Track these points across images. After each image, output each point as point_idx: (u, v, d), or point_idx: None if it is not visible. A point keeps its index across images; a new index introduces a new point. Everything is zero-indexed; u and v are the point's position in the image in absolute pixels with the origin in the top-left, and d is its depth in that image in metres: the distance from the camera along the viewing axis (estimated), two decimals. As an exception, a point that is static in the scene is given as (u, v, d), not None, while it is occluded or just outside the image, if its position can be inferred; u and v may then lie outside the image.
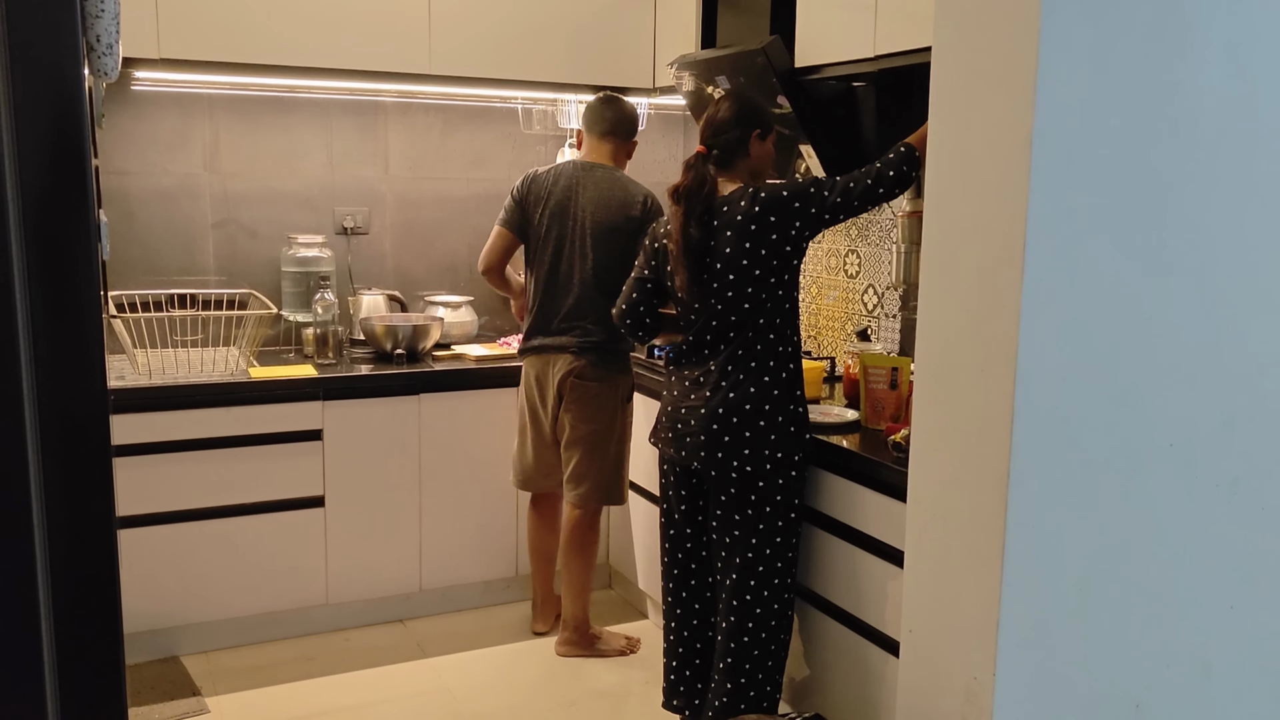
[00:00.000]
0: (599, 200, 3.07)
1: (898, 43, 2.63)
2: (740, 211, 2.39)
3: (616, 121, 3.16)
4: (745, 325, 2.41)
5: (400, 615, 3.46)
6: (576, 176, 3.11)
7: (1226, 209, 1.78)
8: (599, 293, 3.06)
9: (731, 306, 2.41)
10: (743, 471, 2.40)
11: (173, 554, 3.07)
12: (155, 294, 3.42)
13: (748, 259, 2.38)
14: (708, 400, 2.42)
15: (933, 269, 1.81)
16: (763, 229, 2.37)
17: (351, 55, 3.31)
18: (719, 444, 2.40)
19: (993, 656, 1.71)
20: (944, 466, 1.80)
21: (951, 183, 1.76)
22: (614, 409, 3.14)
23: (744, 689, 2.46)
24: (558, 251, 3.10)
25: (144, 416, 2.98)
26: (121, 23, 1.31)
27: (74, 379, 1.21)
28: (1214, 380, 1.81)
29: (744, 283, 2.39)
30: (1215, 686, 1.91)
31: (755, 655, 2.46)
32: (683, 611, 2.63)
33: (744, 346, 2.41)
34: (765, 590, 2.44)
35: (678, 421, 2.50)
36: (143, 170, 3.46)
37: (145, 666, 3.07)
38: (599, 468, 3.14)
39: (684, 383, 2.50)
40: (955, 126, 1.75)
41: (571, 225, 3.08)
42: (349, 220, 3.74)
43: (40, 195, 1.16)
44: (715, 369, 2.44)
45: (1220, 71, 1.73)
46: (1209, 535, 1.86)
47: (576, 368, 3.08)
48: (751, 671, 2.46)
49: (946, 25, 1.76)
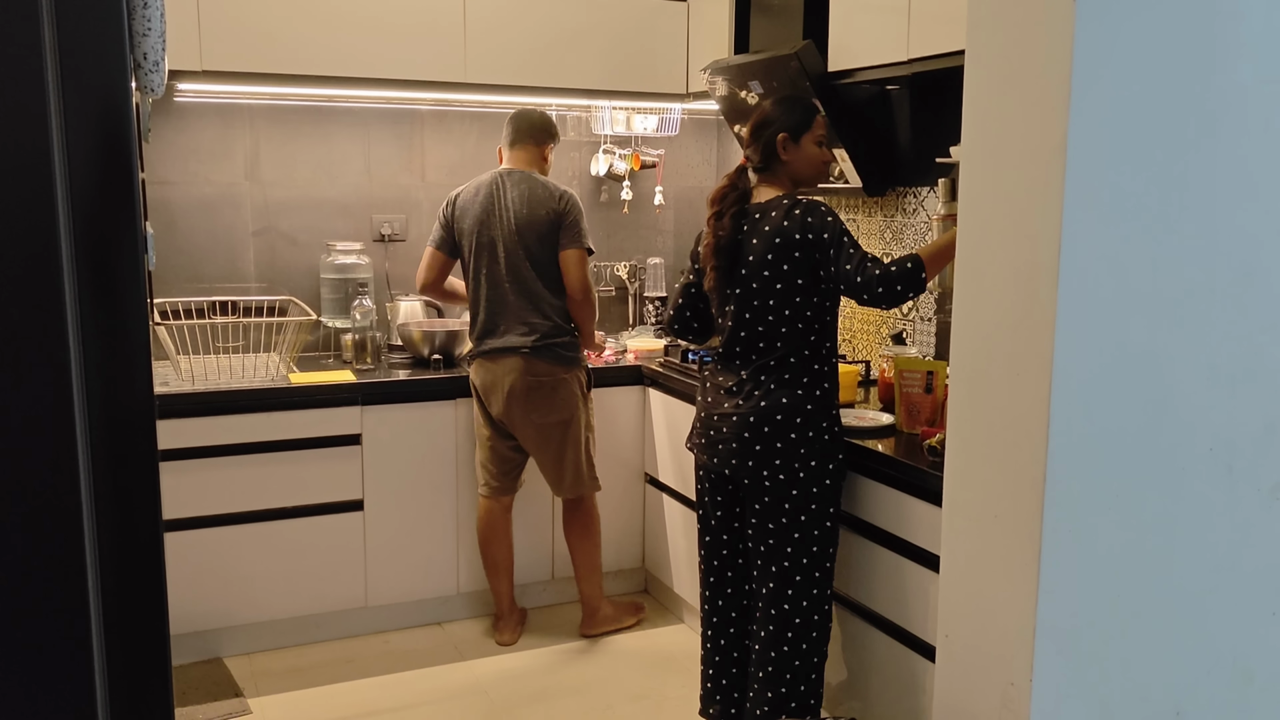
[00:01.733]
0: (520, 199, 3.16)
1: (931, 46, 2.62)
2: (770, 222, 2.38)
3: (524, 130, 3.27)
4: (776, 334, 2.40)
5: (438, 618, 3.50)
6: (495, 184, 3.21)
7: (1265, 211, 1.76)
8: (536, 291, 3.16)
9: (760, 315, 2.41)
10: (776, 480, 2.38)
11: (215, 557, 3.13)
12: (197, 301, 3.49)
13: (770, 270, 2.38)
14: (739, 408, 2.42)
15: (967, 272, 1.81)
16: (788, 245, 2.35)
17: (389, 65, 3.36)
18: (751, 452, 2.39)
19: (1030, 662, 1.70)
20: (980, 471, 1.80)
21: (986, 186, 1.75)
22: (572, 400, 3.22)
23: (785, 698, 2.45)
24: (492, 254, 3.18)
25: (186, 422, 3.04)
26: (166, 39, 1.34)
27: (122, 385, 1.24)
28: (1254, 385, 1.79)
29: (769, 293, 2.39)
30: (1256, 694, 1.89)
31: (796, 665, 2.45)
32: (720, 619, 2.63)
33: (776, 355, 2.41)
34: (804, 599, 2.42)
35: (710, 428, 2.50)
36: (185, 180, 3.52)
37: (189, 668, 3.13)
38: (572, 462, 3.25)
39: (718, 390, 2.50)
40: (990, 129, 1.74)
41: (500, 228, 3.17)
42: (386, 227, 3.78)
43: (90, 208, 1.20)
44: (748, 376, 2.44)
45: (1257, 71, 1.71)
46: (1249, 541, 1.84)
47: (527, 368, 3.15)
48: (793, 681, 2.45)
49: (980, 28, 1.75)
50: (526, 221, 3.14)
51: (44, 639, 1.22)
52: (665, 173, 4.11)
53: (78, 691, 1.25)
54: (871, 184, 3.21)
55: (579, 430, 3.25)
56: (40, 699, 1.22)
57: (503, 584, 3.37)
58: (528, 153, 3.26)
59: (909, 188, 3.24)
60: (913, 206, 3.24)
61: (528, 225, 3.14)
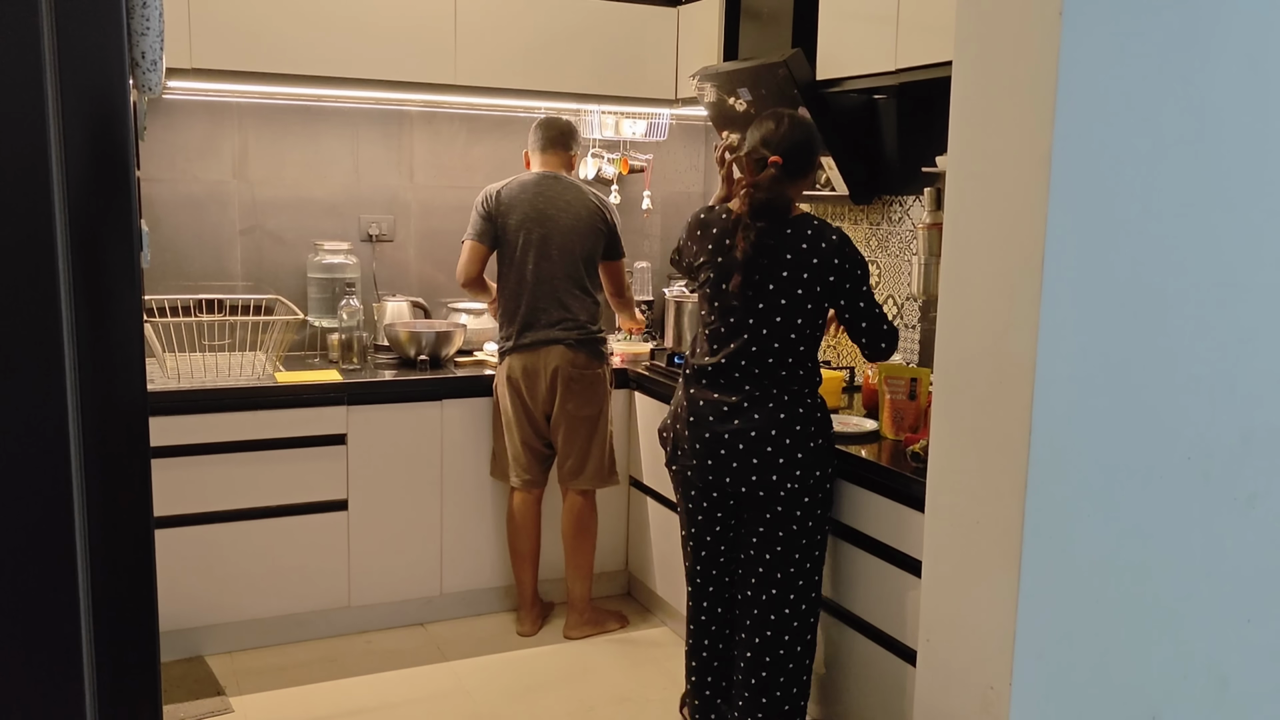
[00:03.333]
0: (573, 203, 3.27)
1: (919, 56, 2.65)
2: (807, 240, 2.36)
3: (556, 137, 3.36)
4: (790, 349, 2.40)
5: (421, 618, 3.50)
6: (543, 184, 3.29)
7: (1246, 222, 1.79)
8: (579, 288, 3.29)
9: (782, 329, 2.39)
10: (781, 492, 2.38)
11: (198, 555, 3.12)
12: (184, 299, 3.48)
13: (803, 289, 2.36)
14: (747, 423, 2.39)
15: (952, 280, 1.83)
16: (824, 269, 2.36)
17: (378, 66, 3.37)
18: (762, 465, 2.38)
19: (1009, 666, 1.72)
20: (962, 477, 1.82)
21: (971, 195, 1.78)
22: (604, 394, 3.33)
23: (778, 702, 2.48)
24: (541, 250, 3.25)
25: (171, 419, 3.03)
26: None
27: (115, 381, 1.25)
28: (1232, 395, 1.82)
29: (795, 311, 2.38)
30: (1232, 699, 1.92)
31: (789, 669, 2.47)
32: (704, 626, 2.63)
33: (780, 369, 2.41)
34: (802, 604, 2.45)
35: (709, 443, 2.44)
36: (173, 177, 3.52)
37: (171, 665, 3.12)
38: (597, 454, 3.31)
39: (721, 406, 2.43)
40: (976, 139, 1.77)
41: (553, 226, 3.25)
42: (374, 228, 3.79)
43: (85, 205, 1.20)
44: (751, 390, 2.41)
45: (1240, 82, 1.74)
46: (1226, 549, 1.87)
47: (571, 358, 3.24)
48: (786, 685, 2.48)
49: (967, 39, 1.78)
50: (576, 224, 3.26)
51: (33, 634, 1.22)
52: (653, 177, 4.13)
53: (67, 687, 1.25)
54: (858, 192, 3.24)
55: (605, 424, 3.34)
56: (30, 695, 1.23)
57: (527, 575, 3.41)
58: (559, 158, 3.36)
59: (895, 196, 3.27)
60: (899, 215, 3.26)
61: (577, 228, 3.26)
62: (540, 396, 3.26)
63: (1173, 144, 1.70)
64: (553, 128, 3.37)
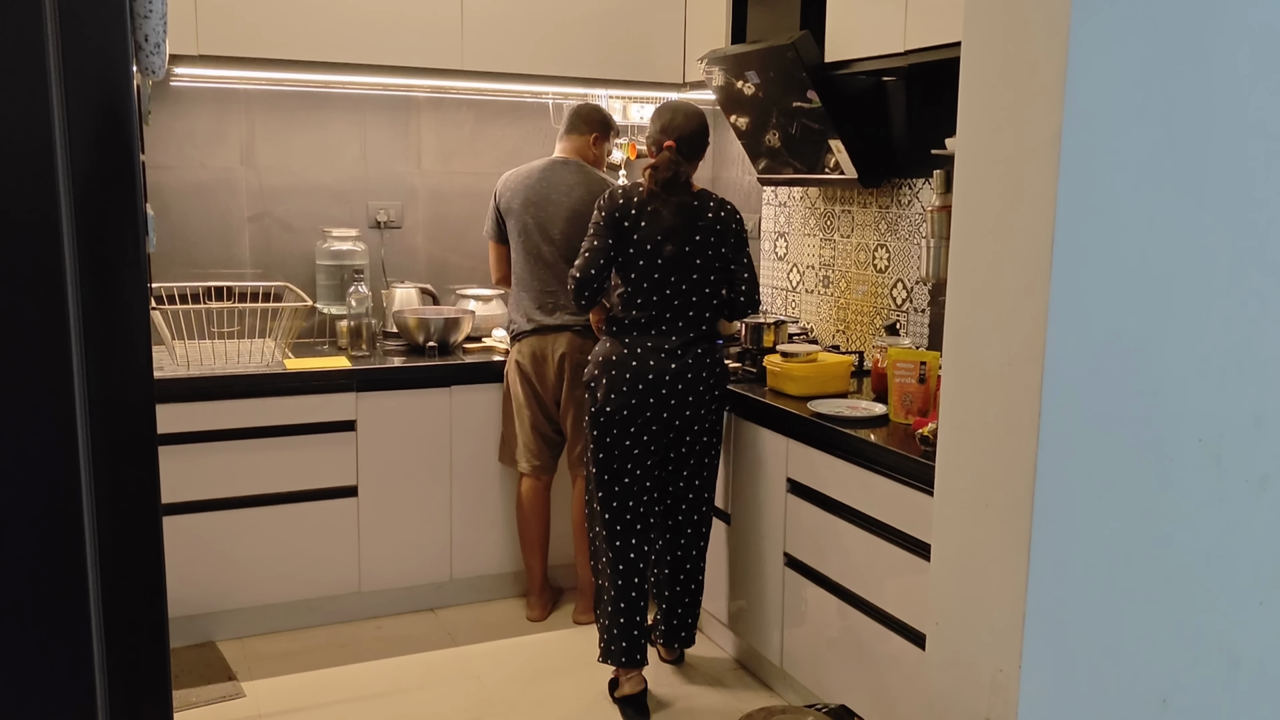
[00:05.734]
0: (575, 186, 3.28)
1: (928, 38, 2.63)
2: (711, 211, 2.84)
3: (572, 119, 3.40)
4: (707, 304, 2.86)
5: (431, 604, 3.51)
6: (548, 170, 3.31)
7: (1257, 202, 1.77)
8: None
9: (700, 288, 2.83)
10: (713, 418, 2.90)
11: (209, 541, 3.13)
12: (192, 286, 3.49)
13: (713, 251, 2.83)
14: (690, 365, 2.82)
15: (961, 263, 1.82)
16: (726, 235, 2.85)
17: (385, 51, 3.36)
18: (698, 397, 2.83)
19: (1019, 649, 1.71)
20: (971, 460, 1.81)
21: (980, 177, 1.77)
22: None
23: (698, 595, 3.04)
24: (546, 236, 3.27)
25: (181, 407, 3.04)
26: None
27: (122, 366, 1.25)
28: (1244, 377, 1.81)
29: (709, 270, 2.83)
30: (1243, 682, 1.91)
31: (703, 565, 3.03)
32: (635, 565, 2.89)
33: (706, 321, 2.88)
34: (709, 504, 3.00)
35: (652, 384, 2.79)
36: (180, 164, 3.52)
37: (183, 651, 3.14)
38: None
39: (659, 352, 2.81)
40: (985, 121, 1.75)
41: (550, 211, 3.27)
42: (382, 214, 3.78)
43: (90, 189, 1.20)
44: (689, 337, 2.83)
45: (1254, 61, 1.72)
46: (1238, 531, 1.86)
47: (580, 345, 3.26)
48: (701, 579, 3.04)
49: (976, 20, 1.76)
50: (577, 206, 3.25)
51: (43, 621, 1.23)
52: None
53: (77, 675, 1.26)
54: (867, 175, 3.22)
55: None
56: (40, 682, 1.23)
57: (537, 561, 3.43)
58: (573, 141, 3.39)
59: (905, 179, 3.25)
60: (908, 198, 3.25)
61: (580, 211, 3.25)
62: (550, 382, 3.27)
63: (1184, 123, 1.69)
64: (572, 112, 3.40)
